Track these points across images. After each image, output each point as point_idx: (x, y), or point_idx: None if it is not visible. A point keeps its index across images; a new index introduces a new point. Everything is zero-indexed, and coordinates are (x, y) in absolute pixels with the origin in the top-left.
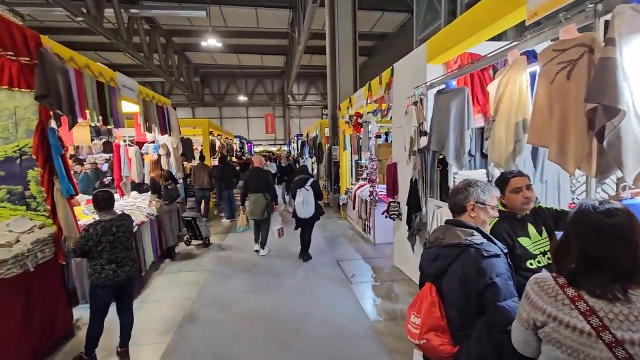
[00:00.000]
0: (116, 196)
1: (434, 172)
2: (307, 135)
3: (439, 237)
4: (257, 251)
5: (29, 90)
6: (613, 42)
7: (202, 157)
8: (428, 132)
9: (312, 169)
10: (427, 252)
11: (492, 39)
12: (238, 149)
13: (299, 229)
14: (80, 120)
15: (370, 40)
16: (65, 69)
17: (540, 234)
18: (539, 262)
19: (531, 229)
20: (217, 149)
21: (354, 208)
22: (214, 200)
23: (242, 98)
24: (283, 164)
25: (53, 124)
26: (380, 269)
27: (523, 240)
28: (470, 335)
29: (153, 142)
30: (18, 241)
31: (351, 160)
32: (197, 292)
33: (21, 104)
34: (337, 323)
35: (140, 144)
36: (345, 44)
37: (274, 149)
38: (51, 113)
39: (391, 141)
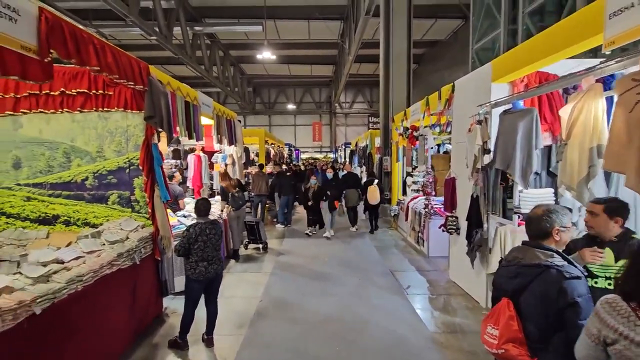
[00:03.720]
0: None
1: (497, 190)
2: (357, 144)
3: (517, 257)
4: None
5: (138, 112)
6: None
7: (260, 166)
8: (492, 150)
9: (361, 177)
10: (505, 269)
11: None
12: (287, 157)
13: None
14: (173, 135)
15: (420, 48)
16: (165, 92)
17: (616, 261)
18: (595, 282)
19: (609, 253)
20: (271, 156)
21: (406, 219)
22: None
23: (291, 106)
24: (328, 175)
25: (155, 139)
26: (436, 281)
27: None
28: (547, 348)
29: (219, 151)
30: (127, 238)
31: (403, 172)
32: (263, 292)
33: (132, 123)
34: (396, 331)
35: (208, 153)
36: (399, 54)
37: (320, 156)
38: (155, 130)
39: (444, 152)
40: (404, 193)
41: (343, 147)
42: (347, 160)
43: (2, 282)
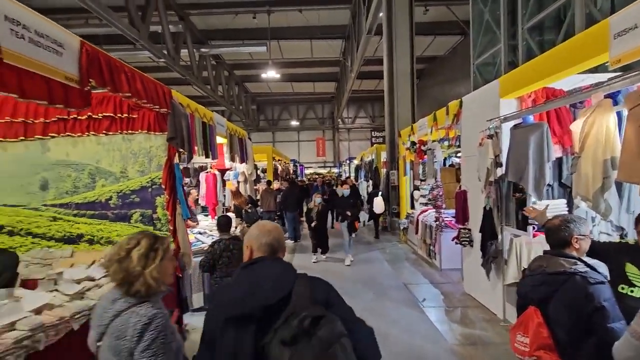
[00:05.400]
0: (209, 218)
1: (510, 202)
2: (362, 158)
3: (542, 265)
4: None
5: (160, 133)
6: None
7: (268, 182)
8: (504, 163)
9: (366, 191)
10: (530, 278)
11: None
12: (292, 172)
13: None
14: (193, 155)
15: (421, 63)
16: (186, 114)
17: None
18: (632, 290)
19: None
20: (279, 173)
21: (416, 233)
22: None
23: (294, 123)
24: (344, 192)
25: (176, 159)
26: (451, 294)
27: (630, 267)
28: (578, 353)
29: (230, 169)
30: None
31: (411, 186)
32: None
33: (154, 144)
34: (416, 344)
35: (219, 171)
36: (403, 70)
37: (324, 171)
38: (176, 151)
39: (450, 165)
40: (412, 206)
41: (347, 161)
42: (353, 175)
43: (43, 299)
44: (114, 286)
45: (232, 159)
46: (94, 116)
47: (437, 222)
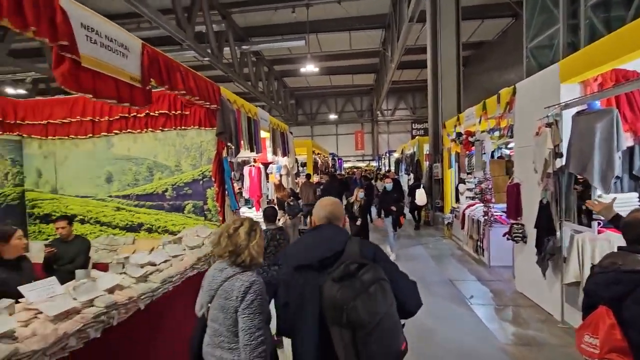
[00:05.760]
0: (253, 210)
1: (570, 195)
2: (403, 151)
3: (616, 262)
4: None
5: (211, 128)
6: None
7: (307, 176)
8: (565, 153)
9: (407, 185)
10: (602, 276)
11: None
12: (331, 166)
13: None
14: (239, 149)
15: (467, 50)
16: (233, 110)
17: None
18: None
19: None
20: (318, 166)
21: (462, 228)
22: None
23: (332, 116)
24: (386, 186)
25: (224, 153)
26: (501, 292)
27: None
28: None
29: (273, 162)
30: (203, 244)
31: (456, 179)
32: None
33: (205, 139)
34: (465, 341)
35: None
36: (448, 59)
37: (362, 164)
38: (225, 145)
39: (499, 157)
40: (457, 200)
41: (387, 155)
42: (392, 168)
43: (114, 280)
44: (222, 259)
45: (275, 153)
46: (151, 113)
47: (486, 217)
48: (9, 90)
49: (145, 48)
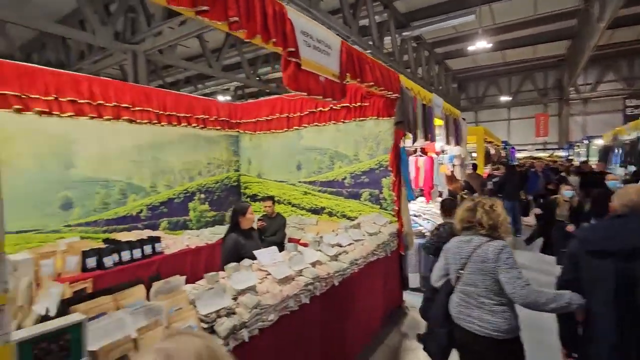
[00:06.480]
0: (422, 201)
1: None
2: (615, 137)
3: None
4: None
5: (388, 118)
6: None
7: (474, 166)
8: None
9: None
10: None
11: None
12: (503, 156)
13: None
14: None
15: None
16: (412, 97)
17: None
18: None
19: None
20: (491, 156)
21: None
22: None
23: (504, 98)
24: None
25: (401, 143)
26: None
27: None
28: None
29: (442, 152)
30: (380, 232)
31: None
32: None
33: (382, 129)
34: None
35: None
36: None
37: (543, 154)
38: (403, 134)
39: None
40: None
41: (585, 141)
42: (595, 158)
43: (315, 256)
44: (466, 231)
45: (447, 142)
46: (334, 107)
47: None
48: (220, 97)
49: (343, 45)
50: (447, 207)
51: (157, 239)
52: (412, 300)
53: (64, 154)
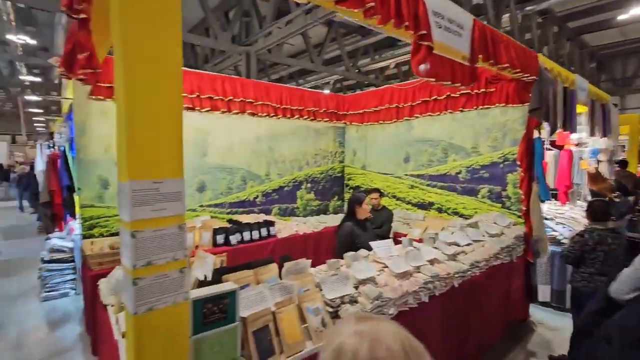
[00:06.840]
0: (552, 202)
1: None
2: None
3: None
4: None
5: (520, 105)
6: None
7: (622, 163)
8: None
9: None
10: None
11: None
12: None
13: None
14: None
15: None
16: (552, 80)
17: None
18: None
19: None
20: None
21: None
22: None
23: None
24: None
25: (536, 133)
26: None
27: None
28: None
29: (579, 144)
30: (502, 234)
31: None
32: None
33: (511, 118)
34: None
35: (560, 147)
36: None
37: None
38: (538, 123)
39: None
40: None
41: None
42: None
43: (432, 253)
44: None
45: (592, 132)
46: (452, 95)
47: None
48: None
49: (476, 23)
50: (598, 211)
51: (271, 223)
52: (541, 315)
53: (202, 145)
